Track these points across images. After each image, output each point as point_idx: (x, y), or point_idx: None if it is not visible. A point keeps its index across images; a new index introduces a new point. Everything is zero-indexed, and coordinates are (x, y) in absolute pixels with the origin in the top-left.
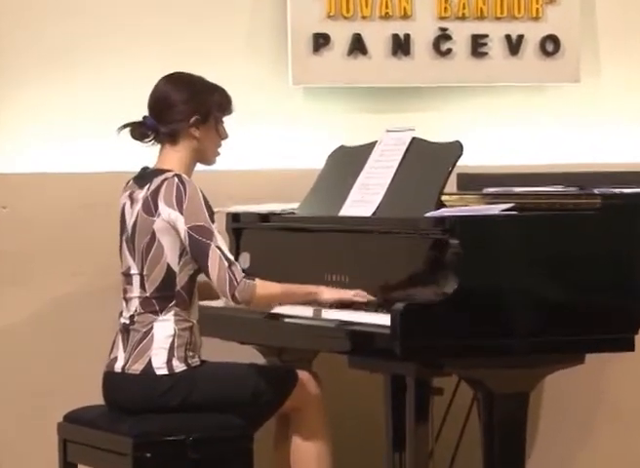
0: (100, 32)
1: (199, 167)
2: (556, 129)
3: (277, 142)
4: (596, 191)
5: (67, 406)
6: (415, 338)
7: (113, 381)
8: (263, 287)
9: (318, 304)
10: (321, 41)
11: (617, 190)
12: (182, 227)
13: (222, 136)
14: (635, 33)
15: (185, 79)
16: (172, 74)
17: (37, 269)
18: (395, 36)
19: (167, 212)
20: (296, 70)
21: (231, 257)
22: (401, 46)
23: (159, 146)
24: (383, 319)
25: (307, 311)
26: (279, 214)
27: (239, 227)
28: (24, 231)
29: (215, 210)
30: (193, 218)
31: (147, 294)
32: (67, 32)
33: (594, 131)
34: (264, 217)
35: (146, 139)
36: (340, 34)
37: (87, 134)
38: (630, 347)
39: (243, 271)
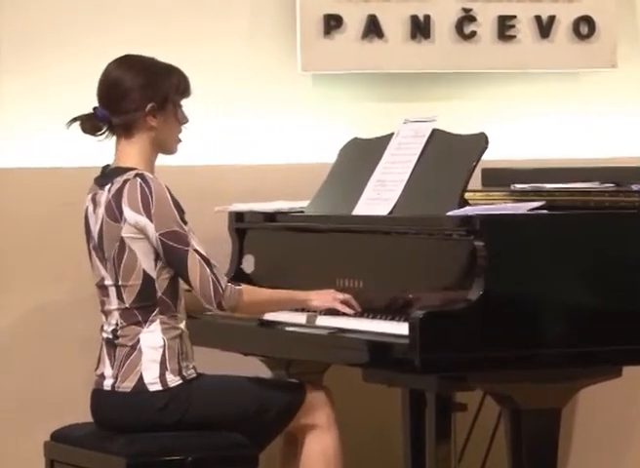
0: (90, 10)
1: (197, 161)
2: (591, 119)
3: (284, 134)
4: (635, 188)
5: (54, 422)
6: (436, 349)
7: (103, 400)
8: (250, 293)
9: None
10: (333, 23)
11: None
12: (153, 234)
13: (182, 121)
14: None
15: (137, 62)
16: (122, 57)
17: (18, 274)
18: (414, 18)
19: (133, 217)
20: (305, 55)
21: (211, 261)
22: (420, 28)
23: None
24: (402, 328)
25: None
26: (286, 212)
27: (243, 227)
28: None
29: (216, 209)
30: (164, 224)
31: (127, 305)
32: (52, 15)
33: (633, 121)
34: (271, 217)
35: (99, 133)
36: (354, 16)
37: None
38: None
39: (247, 275)
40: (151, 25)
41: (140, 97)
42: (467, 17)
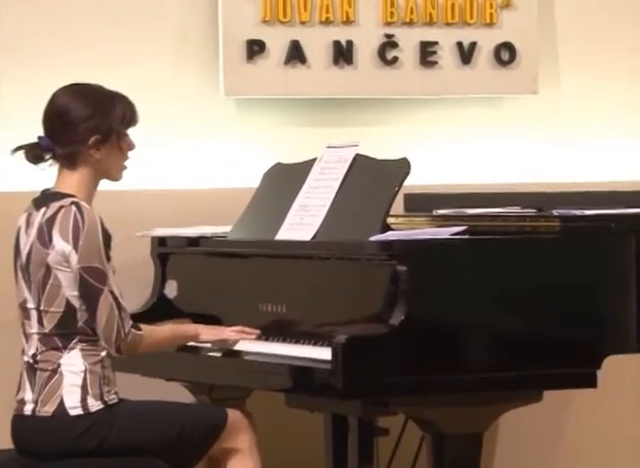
0: (20, 35)
1: (119, 186)
2: (512, 144)
3: (208, 159)
4: (555, 213)
5: None
6: (358, 374)
7: (23, 426)
8: (150, 336)
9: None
10: (255, 48)
11: (578, 212)
12: (75, 265)
13: (127, 150)
14: (596, 40)
15: (84, 91)
16: (69, 86)
17: None
18: (337, 43)
19: (61, 245)
20: (228, 80)
21: (123, 304)
22: (343, 54)
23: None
24: (325, 353)
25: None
26: (209, 237)
27: (165, 252)
28: None
29: (138, 234)
30: (87, 258)
31: (47, 331)
32: None
33: (554, 146)
34: (193, 241)
35: (42, 162)
36: (277, 41)
37: None
38: (592, 383)
39: (170, 300)
40: (75, 50)
41: (84, 129)
42: (390, 42)
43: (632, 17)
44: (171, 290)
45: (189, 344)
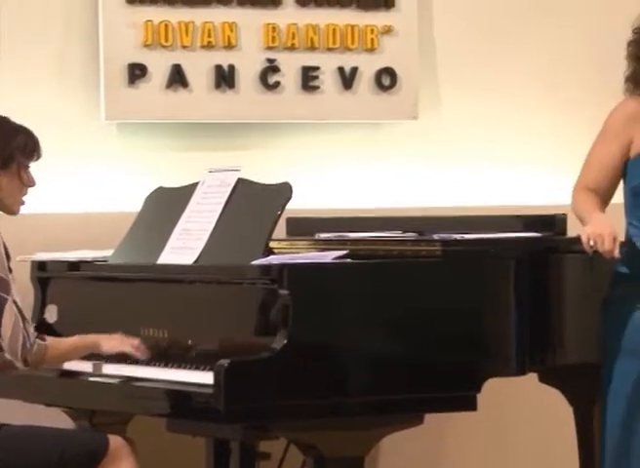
0: None
1: None
2: (394, 169)
3: (89, 183)
4: (436, 237)
5: None
6: (240, 398)
7: None
8: (55, 346)
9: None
10: (137, 72)
11: (458, 236)
12: None
13: (27, 183)
14: (475, 65)
15: None
16: None
17: None
18: (218, 67)
19: None
20: (109, 104)
21: (26, 315)
22: (225, 78)
23: None
24: (207, 377)
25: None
26: (90, 262)
27: (46, 277)
28: None
29: (18, 258)
30: None
31: None
32: None
33: (434, 171)
34: (74, 266)
35: None
36: (158, 65)
37: None
38: (471, 406)
39: (49, 326)
40: None
41: None
42: (271, 67)
43: (510, 42)
44: (51, 314)
45: (70, 369)
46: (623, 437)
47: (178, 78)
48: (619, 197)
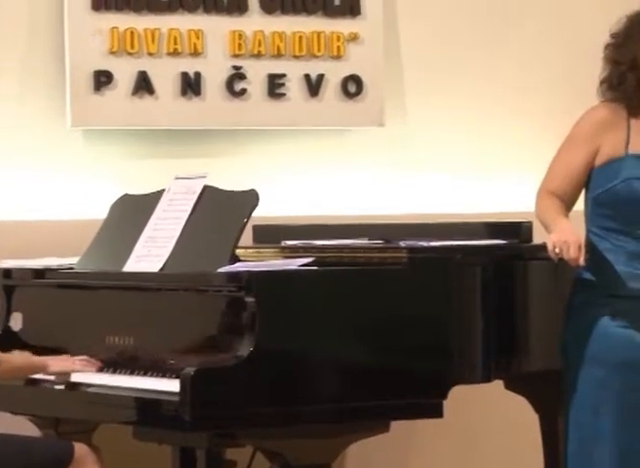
0: None
1: None
2: (360, 177)
3: (54, 191)
4: (402, 244)
5: None
6: (206, 406)
7: None
8: (7, 361)
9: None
10: (103, 79)
11: (424, 243)
12: None
13: None
14: (440, 72)
15: None
16: None
17: None
18: (184, 75)
19: None
20: (75, 111)
21: None
22: (191, 85)
23: None
24: (173, 385)
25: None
26: (56, 269)
27: (11, 284)
28: None
29: None
30: None
31: None
32: None
33: (400, 178)
34: (39, 273)
35: None
36: (124, 72)
37: None
38: (438, 413)
39: (15, 333)
40: None
41: None
42: (238, 74)
43: (476, 49)
44: (16, 322)
45: (36, 377)
46: (586, 445)
47: (144, 85)
48: (579, 204)
